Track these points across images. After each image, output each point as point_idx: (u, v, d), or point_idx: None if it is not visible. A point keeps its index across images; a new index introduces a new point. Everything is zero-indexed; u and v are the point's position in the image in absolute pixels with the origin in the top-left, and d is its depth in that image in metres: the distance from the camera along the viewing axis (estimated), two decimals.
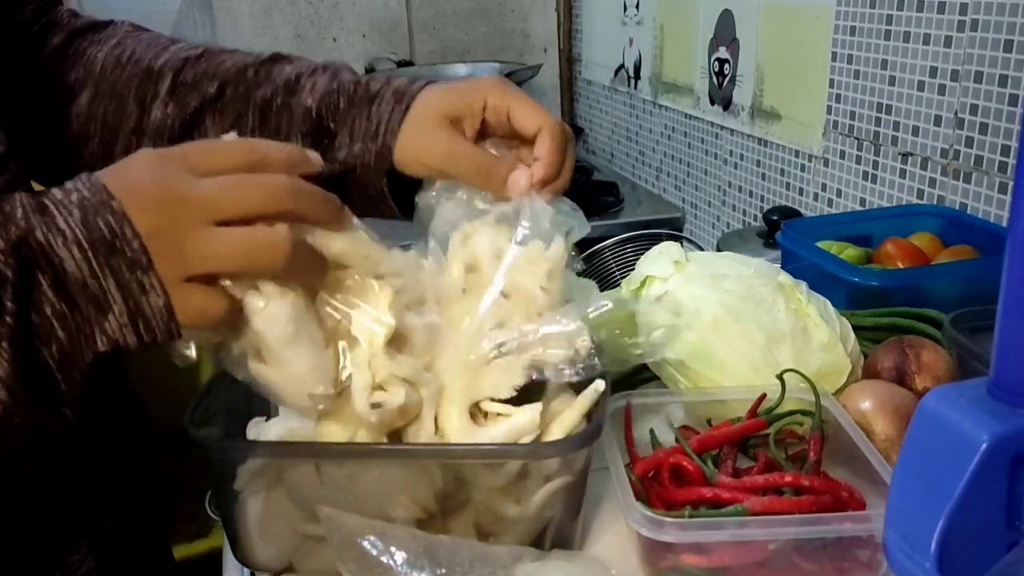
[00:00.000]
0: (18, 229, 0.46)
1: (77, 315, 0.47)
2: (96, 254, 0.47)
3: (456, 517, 0.61)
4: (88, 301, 0.47)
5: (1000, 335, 0.44)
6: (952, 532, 0.43)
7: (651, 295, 0.83)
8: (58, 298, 0.47)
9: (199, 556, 1.59)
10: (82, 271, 0.47)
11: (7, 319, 0.45)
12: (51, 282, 0.46)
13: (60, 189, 0.49)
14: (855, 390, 0.73)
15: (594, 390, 0.63)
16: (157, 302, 0.48)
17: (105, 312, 0.48)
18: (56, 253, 0.46)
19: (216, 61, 0.74)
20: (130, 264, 0.47)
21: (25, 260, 0.46)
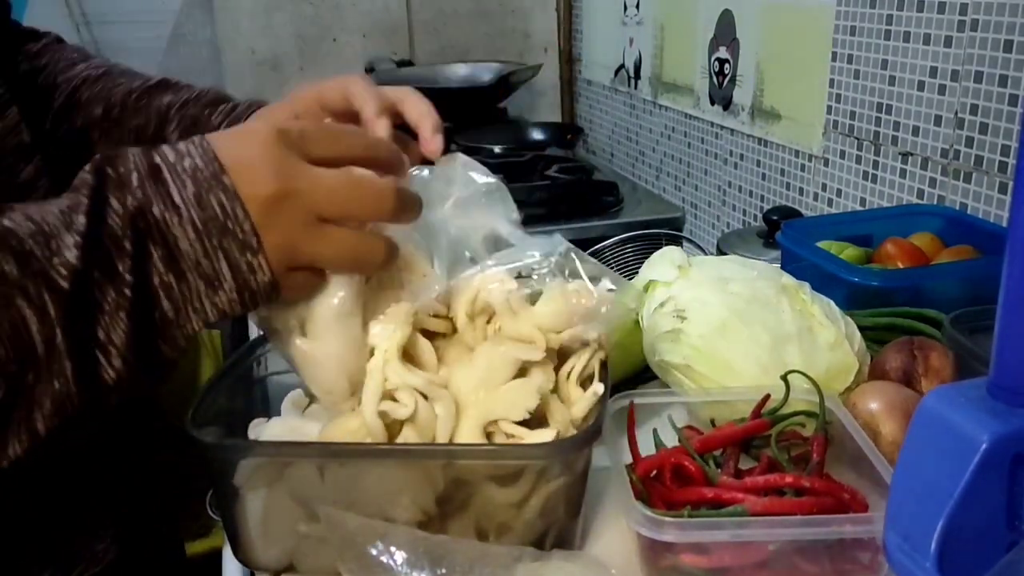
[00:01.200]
0: (135, 199, 0.47)
1: (184, 287, 0.48)
2: (210, 236, 0.48)
3: (456, 518, 0.61)
4: (199, 277, 0.49)
5: (1000, 335, 0.44)
6: (952, 532, 0.43)
7: (655, 300, 0.83)
8: (167, 270, 0.48)
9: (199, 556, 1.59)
10: (195, 251, 0.48)
11: (126, 291, 0.46)
12: (162, 255, 0.48)
13: (173, 150, 0.49)
14: (864, 391, 0.73)
15: (593, 393, 0.63)
16: (264, 279, 0.50)
17: (216, 289, 0.49)
18: (171, 232, 0.48)
19: (111, 84, 0.77)
20: (241, 246, 0.49)
21: (140, 232, 0.47)
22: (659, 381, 0.85)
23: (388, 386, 0.57)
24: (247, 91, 2.22)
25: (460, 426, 0.60)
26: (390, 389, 0.57)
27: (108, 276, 0.46)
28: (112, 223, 0.46)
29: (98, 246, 0.46)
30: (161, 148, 0.49)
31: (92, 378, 0.46)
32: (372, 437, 0.58)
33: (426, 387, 0.58)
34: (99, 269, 0.46)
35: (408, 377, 0.57)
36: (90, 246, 0.45)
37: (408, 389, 0.57)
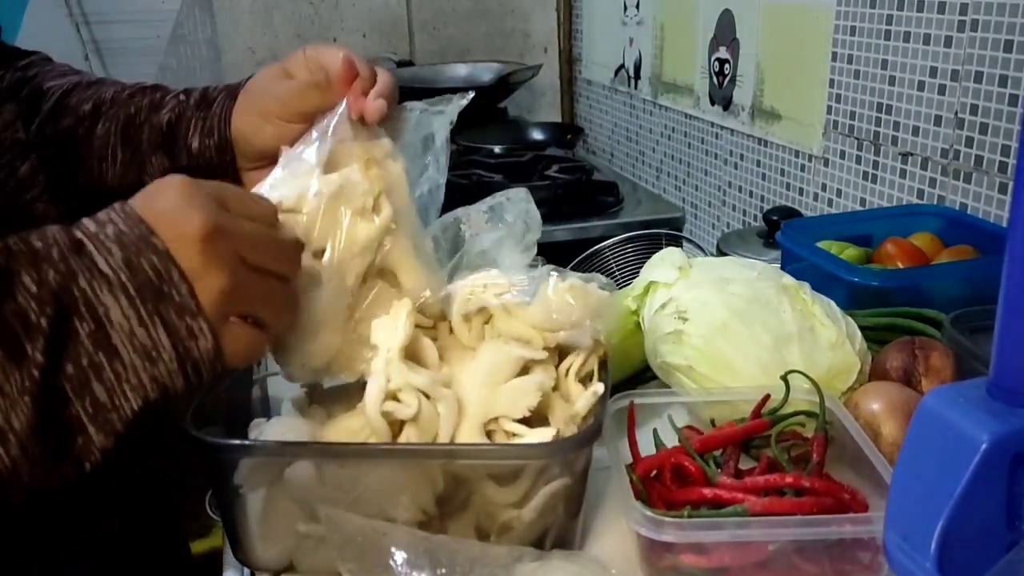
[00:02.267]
0: (58, 273, 0.44)
1: (118, 365, 0.45)
2: (144, 301, 0.45)
3: (456, 519, 0.61)
4: (134, 351, 0.45)
5: (1000, 335, 0.44)
6: (952, 532, 0.43)
7: (656, 301, 0.83)
8: (97, 348, 0.44)
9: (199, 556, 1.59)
10: (129, 320, 0.45)
11: (34, 373, 0.42)
12: (90, 332, 0.44)
13: (93, 221, 0.47)
14: (866, 391, 0.73)
15: (593, 393, 0.63)
16: (206, 345, 0.47)
17: (155, 362, 0.46)
18: (101, 302, 0.44)
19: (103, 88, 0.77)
20: (179, 309, 0.46)
21: (64, 308, 0.44)
22: (659, 381, 0.85)
23: (391, 386, 0.57)
24: None
25: (461, 424, 0.60)
26: (393, 389, 0.57)
27: (12, 357, 0.42)
28: (22, 300, 0.43)
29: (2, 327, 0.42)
30: (80, 222, 0.47)
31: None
32: (376, 436, 0.58)
33: (429, 387, 0.58)
34: (3, 350, 0.42)
35: (411, 377, 0.57)
36: None
37: (411, 389, 0.57)
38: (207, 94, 0.73)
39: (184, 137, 0.72)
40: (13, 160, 0.64)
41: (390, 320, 0.58)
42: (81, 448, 0.45)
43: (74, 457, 0.45)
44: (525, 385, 0.60)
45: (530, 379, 0.61)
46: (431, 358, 0.61)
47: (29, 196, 0.65)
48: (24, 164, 0.65)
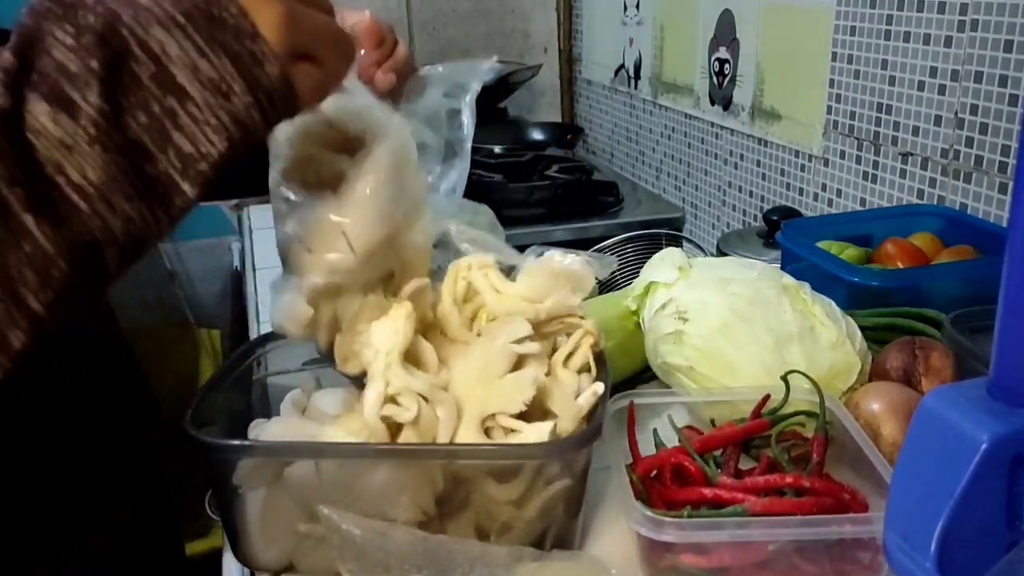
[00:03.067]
0: (97, 16, 0.39)
1: (192, 107, 0.41)
2: (197, 29, 0.41)
3: (456, 518, 0.61)
4: (204, 86, 0.41)
5: (1000, 335, 0.44)
6: (952, 532, 0.43)
7: (656, 301, 0.83)
8: (163, 92, 0.40)
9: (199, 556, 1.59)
10: (188, 53, 0.40)
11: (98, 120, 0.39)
12: (151, 74, 0.40)
13: None
14: (867, 391, 0.73)
15: (593, 392, 0.63)
16: (274, 71, 0.43)
17: (227, 95, 0.42)
18: (154, 37, 0.40)
19: None
20: (236, 33, 0.41)
21: (116, 53, 0.39)
22: (659, 381, 0.85)
23: (390, 390, 0.57)
24: None
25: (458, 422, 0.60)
26: (392, 393, 0.57)
27: (63, 108, 0.38)
28: (60, 55, 0.39)
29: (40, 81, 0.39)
30: None
31: (72, 231, 0.39)
32: (374, 439, 0.58)
33: (429, 391, 0.58)
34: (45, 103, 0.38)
35: (411, 381, 0.57)
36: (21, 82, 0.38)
37: (411, 393, 0.57)
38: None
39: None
40: None
41: (389, 322, 0.58)
42: (174, 205, 0.42)
43: (169, 214, 0.42)
44: (520, 379, 0.60)
45: (525, 373, 0.61)
46: (430, 360, 0.61)
47: None
48: None
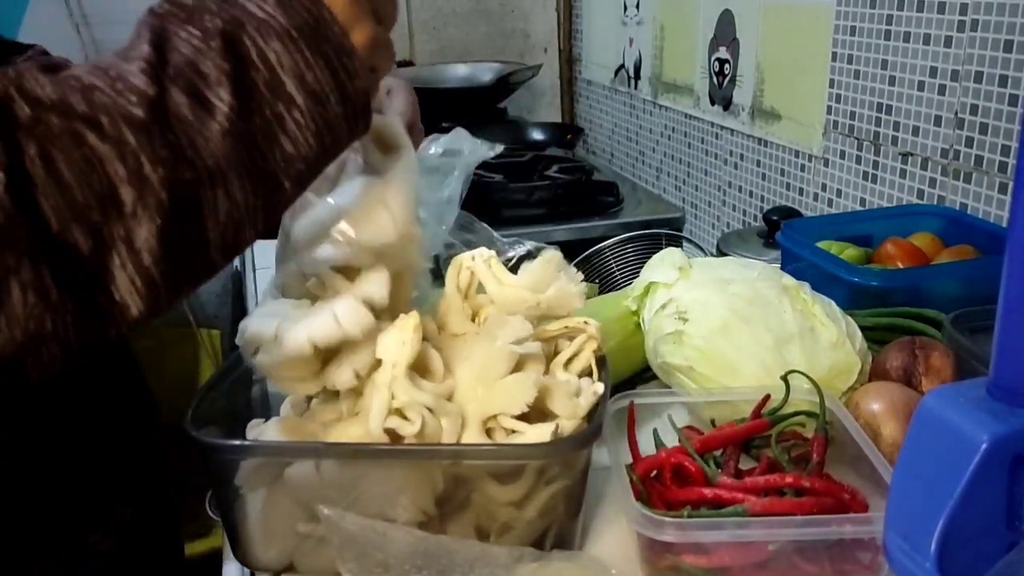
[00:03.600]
0: (222, 21, 0.44)
1: (296, 113, 0.45)
2: (307, 43, 0.45)
3: (456, 519, 0.61)
4: (307, 95, 0.45)
5: (1000, 335, 0.44)
6: (952, 532, 0.43)
7: (656, 302, 0.83)
8: (275, 98, 0.44)
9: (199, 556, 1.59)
10: (298, 64, 0.45)
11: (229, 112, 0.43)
12: (265, 81, 0.44)
13: None
14: (867, 391, 0.73)
15: (593, 392, 0.63)
16: (361, 86, 0.48)
17: (324, 103, 0.46)
18: (270, 47, 0.44)
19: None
20: (337, 50, 0.46)
21: (241, 59, 0.44)
22: (659, 381, 0.85)
23: (395, 403, 0.57)
24: None
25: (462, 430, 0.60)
26: (397, 407, 0.57)
27: (200, 104, 0.42)
28: (188, 52, 0.43)
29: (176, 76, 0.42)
30: None
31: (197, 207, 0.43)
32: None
33: (434, 403, 0.57)
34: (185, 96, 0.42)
35: (416, 395, 0.57)
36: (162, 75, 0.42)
37: (416, 406, 0.57)
38: None
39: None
40: None
41: (397, 332, 0.58)
42: (278, 201, 0.47)
43: (268, 206, 0.46)
44: (522, 381, 0.60)
45: (526, 374, 0.61)
46: (436, 368, 0.60)
47: None
48: None
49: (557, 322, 0.66)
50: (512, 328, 0.62)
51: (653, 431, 0.73)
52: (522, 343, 0.62)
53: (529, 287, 0.65)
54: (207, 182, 0.43)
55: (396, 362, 0.57)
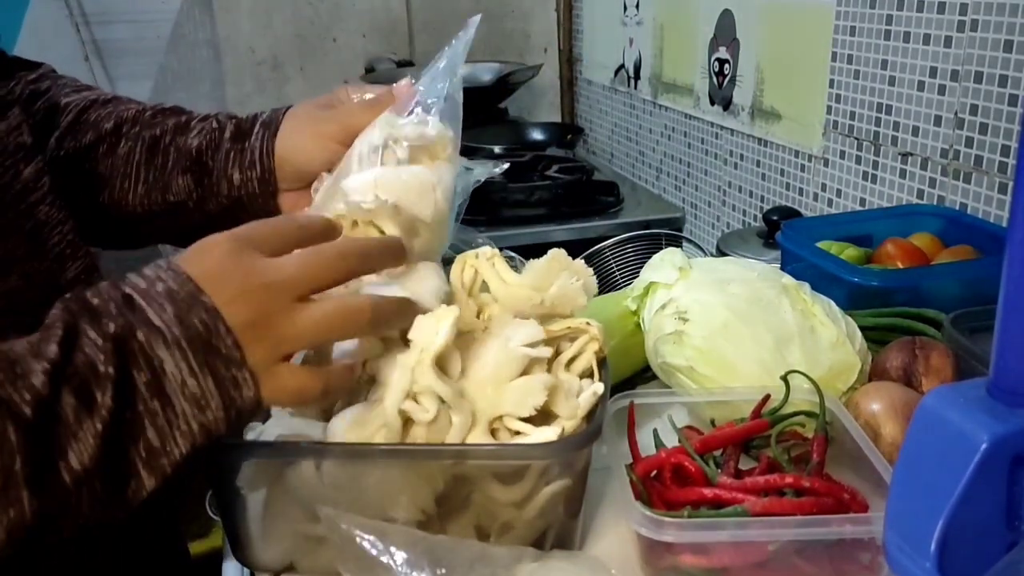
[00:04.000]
0: (117, 326, 0.47)
1: (171, 413, 0.48)
2: (195, 354, 0.48)
3: (456, 518, 0.61)
4: (186, 400, 0.48)
5: (1000, 335, 0.44)
6: (952, 532, 0.43)
7: (656, 302, 0.83)
8: (152, 396, 0.47)
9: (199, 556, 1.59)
10: (181, 371, 0.48)
11: (105, 416, 0.46)
12: (147, 381, 0.47)
13: (141, 278, 0.50)
14: (867, 391, 0.73)
15: (593, 392, 0.63)
16: (249, 394, 0.50)
17: (203, 409, 0.49)
18: (157, 354, 0.47)
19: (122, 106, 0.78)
20: (225, 362, 0.49)
21: (124, 358, 0.47)
22: (659, 381, 0.85)
23: (415, 387, 0.57)
24: (247, 91, 2.22)
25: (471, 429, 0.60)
26: (415, 391, 0.57)
27: (85, 404, 0.45)
28: (89, 352, 0.46)
29: (72, 376, 0.45)
30: (128, 278, 0.50)
31: (53, 507, 0.45)
32: (387, 431, 0.58)
33: (451, 397, 0.57)
34: (74, 397, 0.45)
35: (436, 385, 0.57)
36: (60, 375, 0.45)
37: (432, 395, 0.57)
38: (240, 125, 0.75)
39: (222, 169, 0.73)
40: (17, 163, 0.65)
41: (433, 320, 0.57)
42: (133, 489, 0.48)
43: (126, 497, 0.48)
44: (532, 384, 0.60)
45: (537, 377, 0.61)
46: (454, 368, 0.60)
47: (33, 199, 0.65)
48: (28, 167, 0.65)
49: (560, 323, 0.66)
50: (525, 331, 0.62)
51: (653, 431, 0.73)
52: (535, 346, 0.62)
53: (532, 285, 0.66)
54: (71, 483, 0.45)
55: (425, 348, 0.56)
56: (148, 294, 0.49)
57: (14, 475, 0.43)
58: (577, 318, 0.67)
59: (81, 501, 0.46)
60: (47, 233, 0.65)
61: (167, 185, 0.74)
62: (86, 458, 0.45)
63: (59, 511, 0.45)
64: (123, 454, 0.47)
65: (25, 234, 0.63)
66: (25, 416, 0.44)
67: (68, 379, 0.45)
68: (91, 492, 0.46)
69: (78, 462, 0.45)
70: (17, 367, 0.44)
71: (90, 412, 0.45)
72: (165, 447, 0.48)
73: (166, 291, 0.49)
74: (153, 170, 0.74)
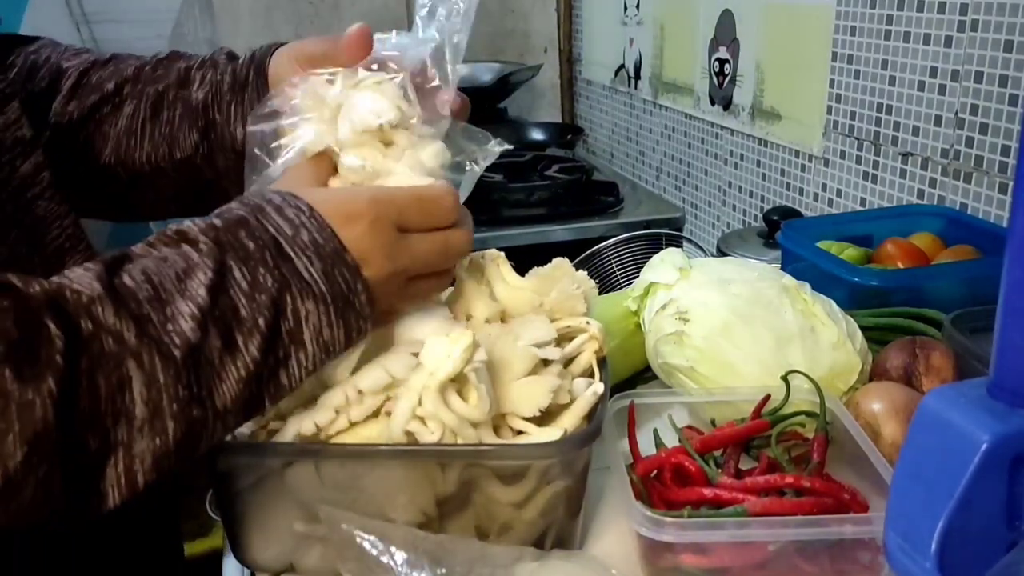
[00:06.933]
0: (273, 279, 0.51)
1: (302, 355, 0.52)
2: (336, 309, 0.53)
3: (456, 518, 0.61)
4: (318, 346, 0.53)
5: (1000, 335, 0.44)
6: (952, 532, 0.43)
7: (656, 302, 0.83)
8: (291, 342, 0.52)
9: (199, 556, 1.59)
10: (321, 323, 0.52)
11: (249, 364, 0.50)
12: (289, 329, 0.51)
13: (283, 219, 0.53)
14: (867, 391, 0.73)
15: (593, 392, 0.63)
16: (364, 337, 0.57)
17: (330, 353, 0.54)
18: (304, 306, 0.52)
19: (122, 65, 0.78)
20: (357, 315, 0.54)
21: (278, 312, 0.51)
22: (659, 381, 0.85)
23: (419, 411, 0.56)
24: None
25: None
26: (421, 414, 0.57)
27: (228, 349, 0.49)
28: (235, 297, 0.49)
29: (219, 320, 0.48)
30: (268, 213, 0.53)
31: (195, 438, 0.49)
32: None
33: (455, 425, 0.57)
34: (220, 340, 0.48)
35: (442, 412, 0.56)
36: (208, 320, 0.48)
37: (438, 421, 0.57)
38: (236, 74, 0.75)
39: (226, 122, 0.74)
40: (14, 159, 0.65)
41: (447, 344, 0.56)
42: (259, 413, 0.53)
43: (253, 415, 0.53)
44: (538, 385, 0.60)
45: (544, 378, 0.61)
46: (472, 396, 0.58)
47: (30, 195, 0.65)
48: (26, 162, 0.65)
49: (559, 322, 0.66)
50: (535, 330, 0.62)
51: (653, 431, 0.73)
52: (543, 346, 0.62)
53: (534, 289, 0.66)
54: (210, 420, 0.49)
55: (434, 372, 0.56)
56: (295, 242, 0.52)
57: (161, 410, 0.46)
58: (577, 317, 0.67)
59: (216, 431, 0.50)
60: (46, 228, 0.65)
61: (173, 140, 0.74)
62: (229, 398, 0.49)
63: (197, 439, 0.49)
64: (259, 393, 0.51)
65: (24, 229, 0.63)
66: (174, 358, 0.47)
67: (215, 321, 0.48)
68: (226, 424, 0.51)
69: (221, 401, 0.49)
70: (168, 307, 0.47)
71: (233, 356, 0.49)
72: (291, 384, 0.53)
73: (311, 242, 0.52)
74: (159, 126, 0.74)
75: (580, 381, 0.65)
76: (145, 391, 0.46)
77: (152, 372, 0.46)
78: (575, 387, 0.63)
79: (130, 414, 0.46)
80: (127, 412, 0.46)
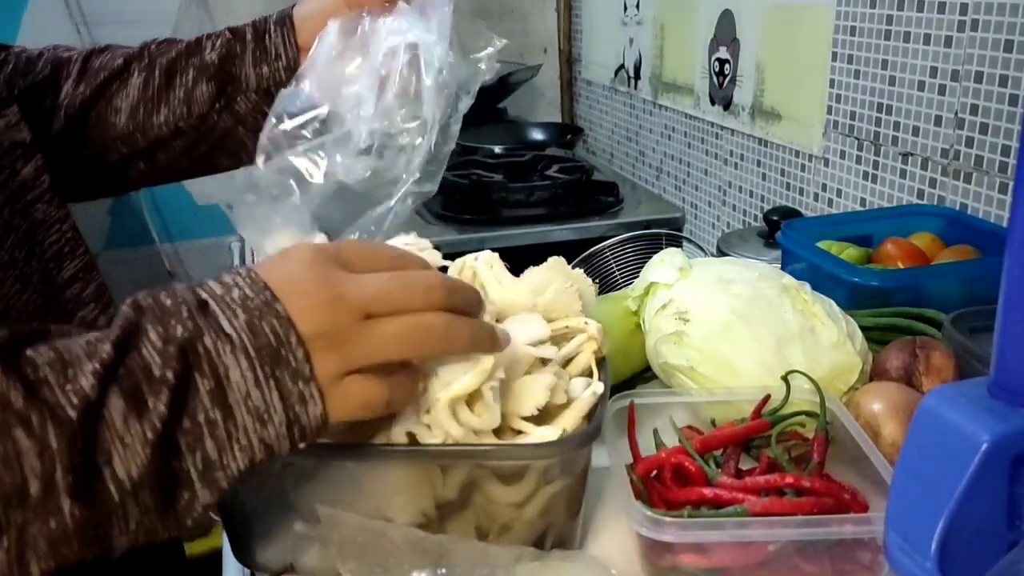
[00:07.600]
0: (185, 330, 0.45)
1: (231, 424, 0.46)
2: (262, 364, 0.46)
3: (456, 518, 0.61)
4: (248, 412, 0.46)
5: (1000, 335, 0.44)
6: (952, 532, 0.43)
7: (656, 302, 0.83)
8: (213, 405, 0.45)
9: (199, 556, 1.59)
10: (246, 381, 0.46)
11: (156, 424, 0.43)
12: (209, 389, 0.45)
13: (219, 283, 0.48)
14: (867, 391, 0.73)
15: (592, 392, 0.63)
16: (315, 411, 0.48)
17: (265, 423, 0.47)
18: (223, 362, 0.45)
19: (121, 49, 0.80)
20: (294, 374, 0.47)
21: (188, 365, 0.45)
22: (659, 381, 0.85)
23: (425, 419, 0.56)
24: None
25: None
26: (427, 422, 0.57)
27: (135, 409, 0.43)
28: (147, 354, 0.44)
29: (123, 377, 0.43)
30: (205, 283, 0.48)
31: (97, 518, 0.43)
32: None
33: (462, 439, 0.57)
34: (122, 400, 0.43)
35: (448, 424, 0.56)
36: (110, 376, 0.43)
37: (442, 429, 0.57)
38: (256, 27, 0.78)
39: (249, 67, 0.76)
40: (14, 162, 0.65)
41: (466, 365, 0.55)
42: (187, 503, 0.46)
43: (179, 512, 0.46)
44: (536, 384, 0.60)
45: (542, 377, 0.61)
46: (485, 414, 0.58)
47: (30, 198, 0.65)
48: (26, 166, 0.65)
49: (557, 322, 0.66)
50: (530, 328, 0.62)
51: (653, 431, 0.73)
52: (539, 345, 0.62)
53: (529, 290, 0.66)
54: (115, 494, 0.43)
55: (447, 385, 0.55)
56: (223, 300, 0.47)
57: (55, 483, 0.41)
58: (575, 317, 0.67)
59: (128, 512, 0.44)
60: (45, 231, 0.65)
61: (191, 99, 0.76)
62: (134, 467, 0.43)
63: (104, 523, 0.43)
64: (178, 465, 0.45)
65: (22, 233, 0.63)
66: (69, 420, 0.42)
67: (118, 380, 0.43)
68: (139, 504, 0.44)
69: (124, 471, 0.43)
70: (69, 369, 0.43)
71: (140, 417, 0.43)
72: (222, 460, 0.46)
73: (241, 298, 0.47)
74: (174, 90, 0.76)
75: (579, 381, 0.64)
76: (37, 462, 0.41)
77: (43, 438, 0.41)
78: (574, 387, 0.63)
79: (23, 492, 0.41)
80: (20, 490, 0.41)
